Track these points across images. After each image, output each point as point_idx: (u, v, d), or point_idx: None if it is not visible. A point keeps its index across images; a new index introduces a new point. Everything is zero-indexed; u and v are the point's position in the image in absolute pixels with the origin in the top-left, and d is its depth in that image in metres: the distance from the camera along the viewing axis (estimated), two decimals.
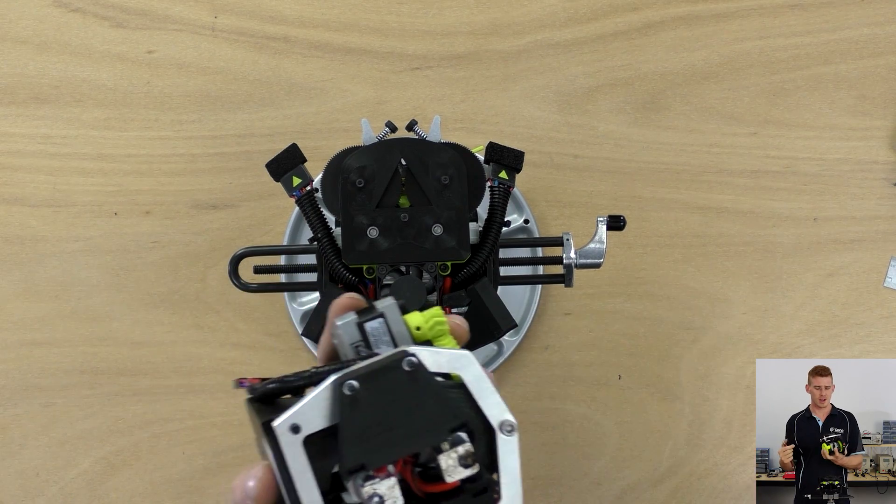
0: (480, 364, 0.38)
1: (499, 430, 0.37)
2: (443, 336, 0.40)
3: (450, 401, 0.37)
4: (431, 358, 0.37)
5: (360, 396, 0.35)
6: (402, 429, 0.36)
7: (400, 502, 0.35)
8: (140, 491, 0.75)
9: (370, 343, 0.39)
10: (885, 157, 0.78)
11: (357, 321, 0.39)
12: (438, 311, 0.40)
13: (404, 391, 0.36)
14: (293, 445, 0.35)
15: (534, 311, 0.74)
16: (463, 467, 0.36)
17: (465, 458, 0.36)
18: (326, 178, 0.54)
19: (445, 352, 0.37)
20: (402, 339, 0.39)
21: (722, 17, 0.78)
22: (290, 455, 0.35)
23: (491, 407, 0.37)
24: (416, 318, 0.40)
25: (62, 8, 0.77)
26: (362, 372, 0.36)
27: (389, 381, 0.36)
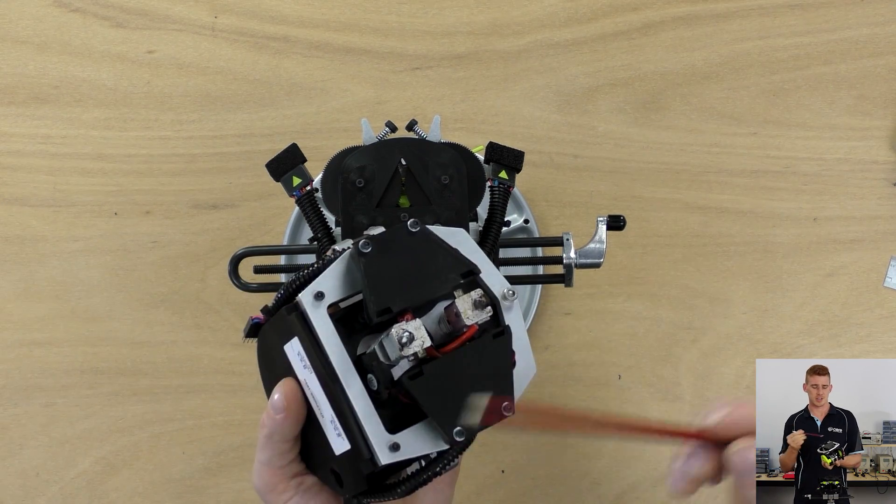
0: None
1: (501, 297, 0.40)
2: None
3: (457, 252, 0.40)
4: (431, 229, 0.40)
5: (375, 256, 0.39)
6: (419, 277, 0.39)
7: (427, 341, 0.37)
8: (140, 491, 0.75)
9: None
10: (885, 157, 0.78)
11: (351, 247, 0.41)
12: None
13: (414, 247, 0.39)
14: (319, 311, 0.38)
15: (534, 311, 0.74)
16: (480, 309, 0.38)
17: (479, 300, 0.38)
18: (326, 178, 0.54)
19: (441, 228, 0.41)
20: None
21: (722, 17, 0.78)
22: (316, 320, 0.38)
23: (490, 276, 0.40)
24: None
25: (62, 8, 0.77)
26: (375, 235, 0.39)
27: (399, 239, 0.39)
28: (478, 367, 0.39)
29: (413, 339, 0.36)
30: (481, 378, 0.39)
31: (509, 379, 0.40)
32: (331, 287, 0.39)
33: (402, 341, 0.36)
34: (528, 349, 0.41)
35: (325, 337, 0.38)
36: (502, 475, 0.75)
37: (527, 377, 0.41)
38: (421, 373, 0.37)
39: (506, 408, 0.39)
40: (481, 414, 0.38)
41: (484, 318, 0.38)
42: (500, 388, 0.39)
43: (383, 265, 0.38)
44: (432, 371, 0.37)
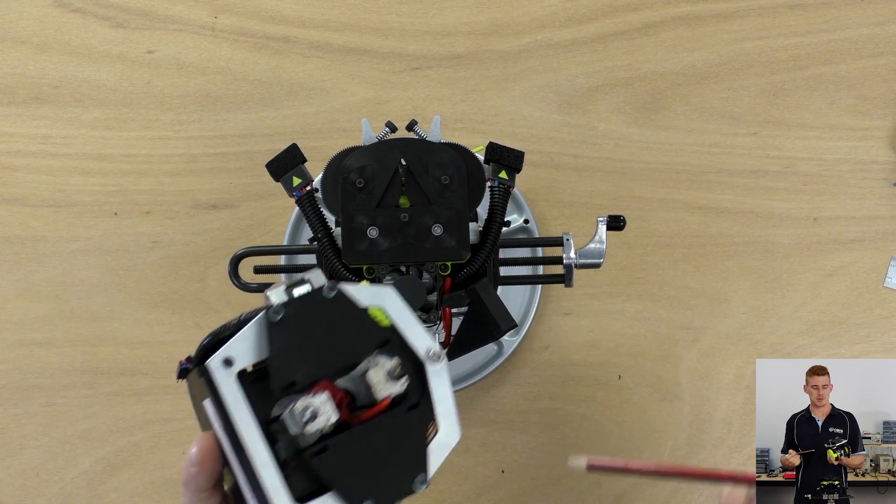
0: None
1: (425, 359, 0.39)
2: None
3: (371, 321, 0.38)
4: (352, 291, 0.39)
5: (287, 322, 0.37)
6: (329, 348, 0.37)
7: (334, 416, 0.36)
8: (140, 491, 0.75)
9: None
10: (885, 157, 0.78)
11: (286, 287, 0.40)
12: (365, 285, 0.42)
13: (328, 315, 0.38)
14: (227, 378, 0.37)
15: (534, 311, 0.74)
16: (392, 380, 0.37)
17: (393, 370, 0.37)
18: (326, 178, 0.54)
19: (367, 287, 0.39)
20: None
21: (722, 17, 0.78)
22: (224, 388, 0.36)
23: (415, 338, 0.39)
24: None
25: (62, 8, 0.77)
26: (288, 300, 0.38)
27: (313, 306, 0.38)
28: (389, 441, 0.37)
29: (317, 416, 0.35)
30: (393, 453, 0.37)
31: (423, 454, 0.38)
32: (242, 352, 0.37)
33: (304, 419, 0.35)
34: (453, 413, 0.39)
35: (233, 405, 0.36)
36: (502, 475, 0.75)
37: (448, 446, 0.39)
38: (325, 449, 0.36)
39: (419, 481, 0.37)
40: (391, 491, 0.37)
41: (398, 390, 0.37)
42: (413, 463, 0.37)
43: (294, 333, 0.37)
44: (340, 446, 0.36)
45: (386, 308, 0.39)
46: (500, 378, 0.75)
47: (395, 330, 0.39)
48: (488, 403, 0.75)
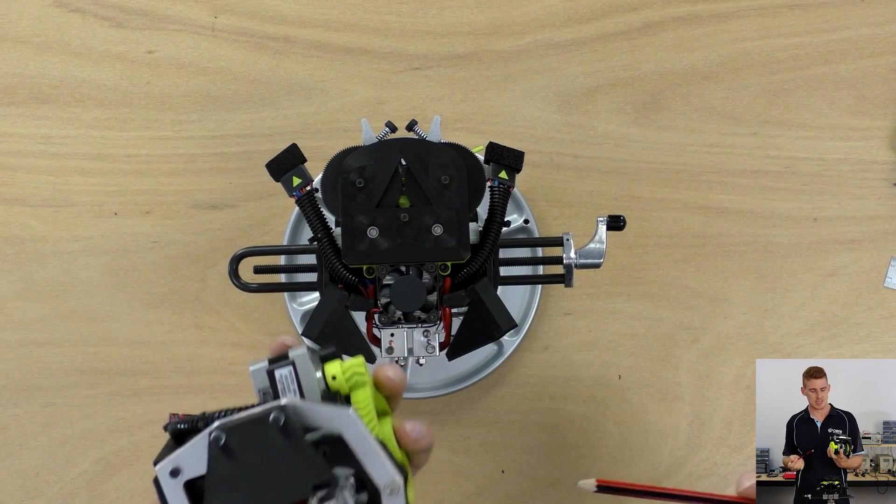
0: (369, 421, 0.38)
1: (382, 491, 0.37)
2: (361, 387, 0.40)
3: (314, 458, 0.36)
4: (310, 413, 0.37)
5: (230, 447, 0.36)
6: (268, 482, 0.36)
7: None
8: (140, 491, 0.75)
9: (277, 391, 0.39)
10: (885, 157, 0.78)
11: (267, 368, 0.39)
12: (358, 363, 0.40)
13: (272, 445, 0.36)
14: (174, 488, 0.37)
15: (534, 311, 0.74)
16: None
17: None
18: (326, 178, 0.54)
19: (325, 408, 0.37)
20: (310, 389, 0.39)
21: (722, 17, 0.78)
22: (170, 497, 0.37)
23: (373, 467, 0.37)
24: (333, 368, 0.40)
25: (62, 8, 0.77)
26: (233, 423, 0.36)
27: (257, 433, 0.36)
28: None
29: None
30: None
31: None
32: (190, 463, 0.37)
33: None
34: None
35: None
36: (502, 475, 0.75)
37: None
38: None
39: None
40: None
41: None
42: None
43: (234, 459, 0.36)
44: None
45: (344, 434, 0.37)
46: (500, 378, 0.75)
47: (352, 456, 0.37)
48: (488, 403, 0.75)
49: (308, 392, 0.39)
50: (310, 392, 0.39)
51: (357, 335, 0.55)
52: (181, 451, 0.37)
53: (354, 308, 0.55)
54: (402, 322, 0.54)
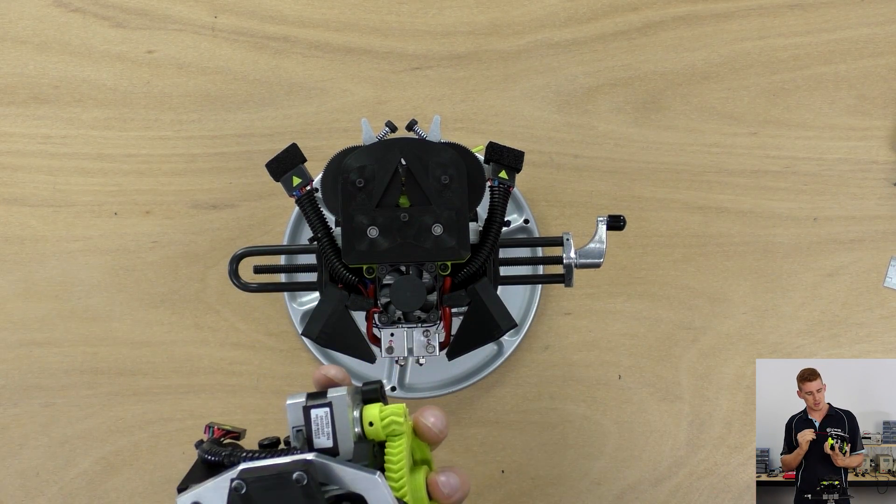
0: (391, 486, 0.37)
1: None
2: (399, 437, 0.40)
3: None
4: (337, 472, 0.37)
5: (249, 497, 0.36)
6: None
7: None
8: (140, 491, 0.75)
9: (311, 431, 0.39)
10: (885, 157, 0.78)
11: (304, 405, 0.39)
12: (398, 411, 0.40)
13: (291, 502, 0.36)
14: None
15: (534, 311, 0.74)
16: None
17: None
18: (326, 178, 0.54)
19: (351, 471, 0.37)
20: (344, 435, 0.39)
21: (722, 17, 0.78)
22: None
23: None
24: (372, 413, 0.40)
25: (62, 8, 0.77)
26: (255, 475, 0.36)
27: (278, 489, 0.36)
28: None
29: None
30: None
31: None
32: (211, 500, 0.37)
33: None
34: None
35: None
36: (502, 475, 0.75)
37: None
38: None
39: None
40: None
41: None
42: None
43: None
44: None
45: (367, 499, 0.37)
46: (500, 378, 0.75)
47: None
48: (488, 403, 0.75)
49: (341, 436, 0.39)
50: (343, 437, 0.39)
51: (357, 335, 0.54)
52: (202, 487, 0.37)
53: (354, 308, 0.55)
54: (402, 322, 0.54)
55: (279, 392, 0.75)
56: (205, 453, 0.40)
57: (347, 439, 0.39)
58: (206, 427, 0.42)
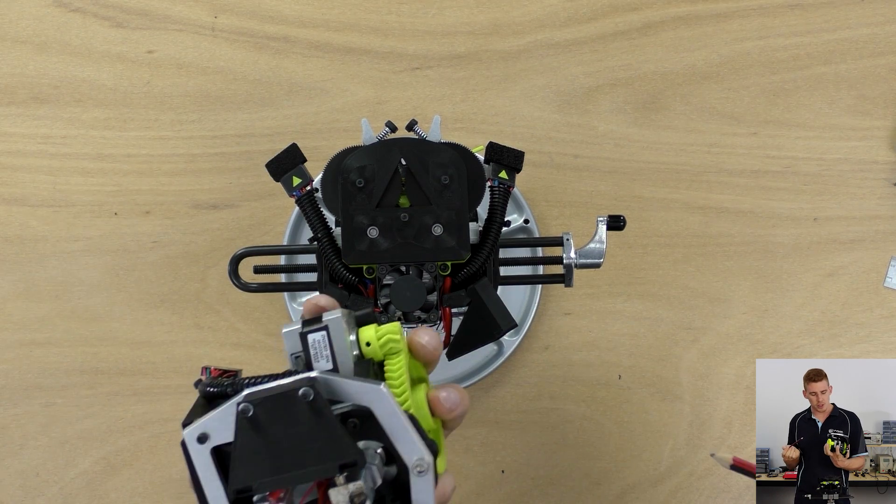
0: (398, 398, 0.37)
1: (411, 469, 0.36)
2: (396, 355, 0.39)
3: (342, 437, 0.35)
4: (342, 387, 0.36)
5: (257, 419, 0.35)
6: (294, 458, 0.35)
7: None
8: (140, 491, 0.75)
9: (310, 355, 0.38)
10: (885, 157, 0.78)
11: (300, 331, 0.38)
12: (394, 328, 0.39)
13: (300, 420, 0.35)
14: (201, 454, 0.36)
15: (534, 311, 0.74)
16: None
17: (356, 496, 0.35)
18: (326, 178, 0.54)
19: (355, 383, 0.36)
20: (343, 356, 0.38)
21: (722, 17, 0.78)
22: (197, 462, 0.36)
23: (403, 444, 0.36)
24: (368, 333, 0.39)
25: (62, 8, 0.77)
26: (261, 396, 0.36)
27: (285, 408, 0.36)
28: None
29: None
30: None
31: None
32: (218, 430, 0.36)
33: None
34: None
35: (205, 480, 0.36)
36: (502, 475, 0.75)
37: None
38: None
39: None
40: None
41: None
42: None
43: (260, 433, 0.35)
44: None
45: (374, 410, 0.37)
46: (500, 378, 0.75)
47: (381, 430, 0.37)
48: (488, 403, 0.75)
49: (341, 358, 0.38)
50: (342, 358, 0.38)
51: None
52: (208, 417, 0.36)
53: (355, 308, 0.54)
54: (402, 322, 0.54)
55: None
56: (206, 386, 0.39)
57: (347, 360, 0.38)
58: (203, 369, 0.41)
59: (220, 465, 0.36)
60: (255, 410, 0.35)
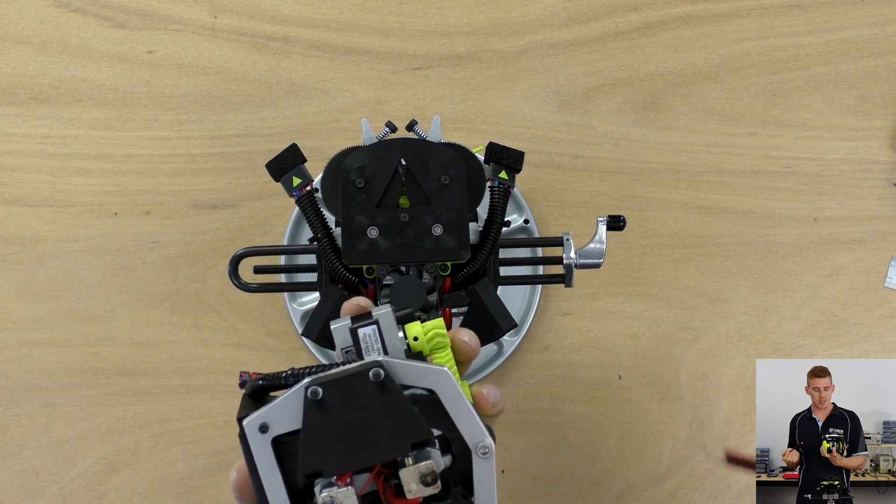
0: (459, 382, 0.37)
1: (475, 451, 0.36)
2: (442, 349, 0.40)
3: (414, 416, 0.35)
4: (405, 371, 0.36)
5: (325, 403, 0.35)
6: (364, 439, 0.35)
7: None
8: (140, 491, 0.75)
9: (361, 349, 0.39)
10: (885, 157, 0.78)
11: (350, 326, 0.38)
12: (440, 324, 0.39)
13: (369, 402, 0.35)
14: (262, 444, 0.36)
15: (534, 311, 0.74)
16: (423, 485, 0.35)
17: (426, 475, 0.35)
18: (326, 178, 0.54)
19: (421, 366, 0.36)
20: (394, 349, 0.39)
21: (722, 17, 0.78)
22: (257, 453, 0.36)
23: (467, 426, 0.36)
24: (415, 329, 0.39)
25: (62, 8, 0.77)
26: (330, 378, 0.35)
27: (355, 390, 0.35)
28: None
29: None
30: None
31: None
32: (279, 420, 0.36)
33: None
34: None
35: (265, 472, 0.36)
36: (502, 475, 0.75)
37: None
38: None
39: None
40: None
41: (429, 493, 0.35)
42: None
43: (330, 415, 0.35)
44: None
45: (438, 392, 0.36)
46: (500, 378, 0.75)
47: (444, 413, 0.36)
48: None
49: (392, 351, 0.39)
50: (393, 351, 0.39)
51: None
52: (272, 406, 0.36)
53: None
54: None
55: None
56: (258, 379, 0.39)
57: (399, 352, 0.39)
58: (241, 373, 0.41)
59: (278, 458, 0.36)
60: (324, 394, 0.35)
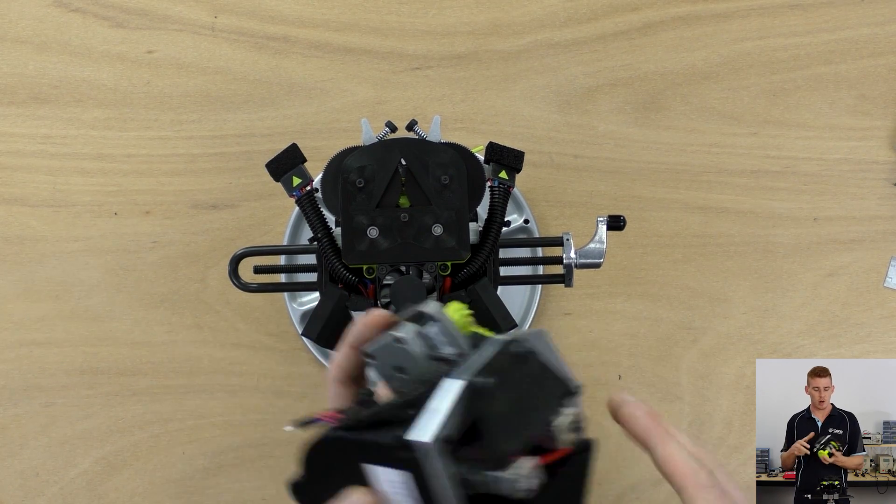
0: None
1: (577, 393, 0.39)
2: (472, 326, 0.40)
3: (560, 372, 0.37)
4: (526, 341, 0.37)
5: (490, 388, 0.35)
6: (529, 409, 0.36)
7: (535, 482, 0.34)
8: (140, 491, 0.75)
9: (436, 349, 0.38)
10: (885, 157, 0.78)
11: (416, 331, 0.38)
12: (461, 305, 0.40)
13: (523, 375, 0.36)
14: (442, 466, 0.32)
15: (534, 311, 0.74)
16: (573, 432, 0.37)
17: (576, 422, 0.37)
18: (326, 178, 0.54)
19: (520, 331, 0.38)
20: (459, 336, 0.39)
21: (722, 17, 0.78)
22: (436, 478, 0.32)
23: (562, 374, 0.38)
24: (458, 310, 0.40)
25: (62, 8, 0.77)
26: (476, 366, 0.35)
27: (510, 368, 0.36)
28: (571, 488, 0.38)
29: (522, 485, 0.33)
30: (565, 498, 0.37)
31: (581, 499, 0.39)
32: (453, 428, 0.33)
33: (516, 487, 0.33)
34: None
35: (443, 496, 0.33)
36: None
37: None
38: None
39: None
40: None
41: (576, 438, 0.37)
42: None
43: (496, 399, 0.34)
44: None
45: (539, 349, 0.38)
46: None
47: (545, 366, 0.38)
48: None
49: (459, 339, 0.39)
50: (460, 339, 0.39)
51: None
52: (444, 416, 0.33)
53: (354, 308, 0.55)
54: None
55: (279, 392, 0.75)
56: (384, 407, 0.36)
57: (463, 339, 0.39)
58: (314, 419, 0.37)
59: None
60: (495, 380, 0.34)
